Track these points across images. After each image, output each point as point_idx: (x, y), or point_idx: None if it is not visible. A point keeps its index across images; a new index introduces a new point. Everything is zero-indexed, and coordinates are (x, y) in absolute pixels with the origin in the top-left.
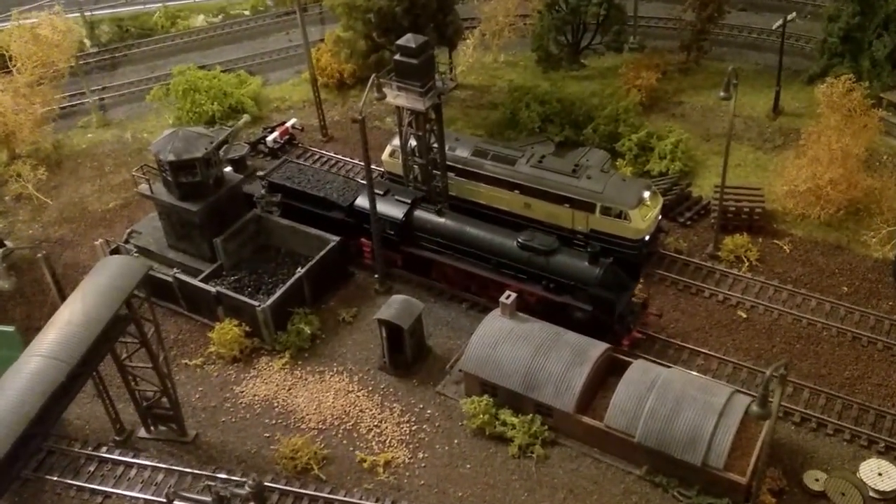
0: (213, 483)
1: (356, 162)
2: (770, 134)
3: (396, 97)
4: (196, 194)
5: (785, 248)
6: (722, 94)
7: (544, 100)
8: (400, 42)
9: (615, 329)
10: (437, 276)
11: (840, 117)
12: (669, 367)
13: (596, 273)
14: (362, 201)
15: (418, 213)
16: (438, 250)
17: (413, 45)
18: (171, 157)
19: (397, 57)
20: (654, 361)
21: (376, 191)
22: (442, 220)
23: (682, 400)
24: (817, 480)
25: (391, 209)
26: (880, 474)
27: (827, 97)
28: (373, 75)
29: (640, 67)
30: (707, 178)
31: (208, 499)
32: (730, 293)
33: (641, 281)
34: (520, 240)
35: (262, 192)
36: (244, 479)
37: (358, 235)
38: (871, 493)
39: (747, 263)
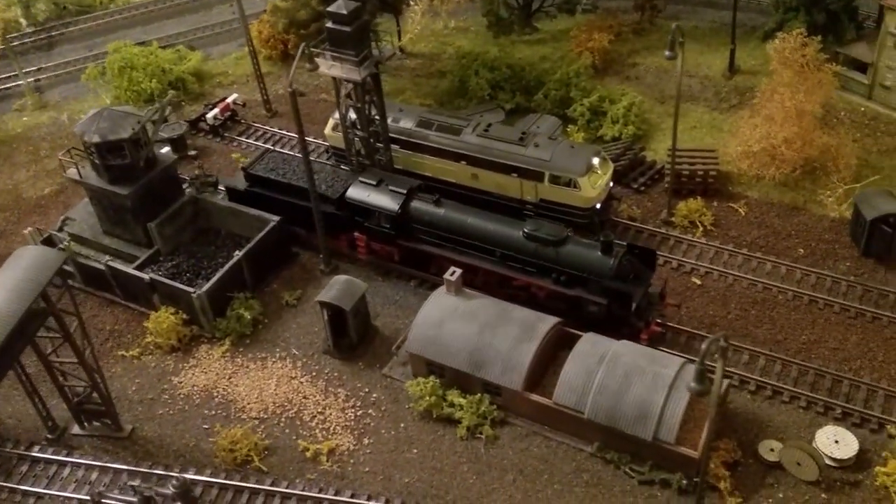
0: (136, 484)
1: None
2: (726, 94)
3: (331, 67)
4: (126, 177)
5: (740, 210)
6: (667, 53)
7: (494, 66)
8: (331, 8)
9: (632, 323)
10: (437, 270)
11: (793, 74)
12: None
13: (610, 264)
14: (354, 192)
15: (415, 203)
16: (438, 243)
17: (345, 12)
18: (97, 139)
19: (329, 25)
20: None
21: (368, 181)
22: (441, 210)
23: (631, 373)
24: (772, 450)
25: (385, 200)
26: (836, 441)
27: (779, 53)
28: (302, 45)
29: (593, 29)
30: (662, 141)
31: (134, 499)
32: (684, 260)
33: None
34: (526, 230)
35: (197, 171)
36: (173, 475)
37: (350, 229)
38: (828, 461)
39: (701, 228)
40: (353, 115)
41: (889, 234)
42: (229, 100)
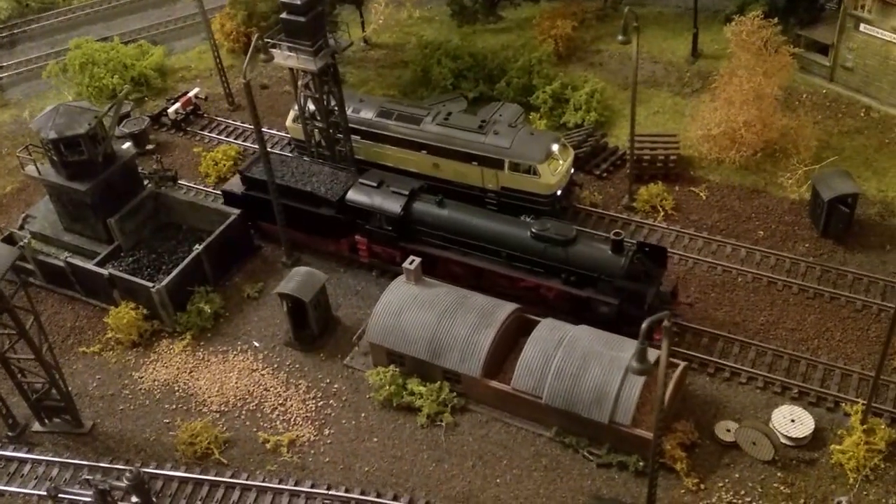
0: (91, 477)
1: (264, 130)
2: (689, 78)
3: (287, 58)
4: (85, 173)
5: (701, 194)
6: (620, 37)
7: (456, 55)
8: None
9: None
10: (441, 273)
11: (750, 56)
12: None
13: (622, 263)
14: (354, 195)
15: (417, 205)
16: (442, 245)
17: (299, 2)
18: (53, 135)
19: (284, 15)
20: (693, 357)
21: (368, 182)
22: (445, 211)
23: (588, 357)
24: (729, 431)
25: (387, 202)
26: (793, 421)
27: (736, 36)
28: (255, 36)
29: (556, 16)
30: (625, 127)
31: (90, 492)
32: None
33: None
34: (533, 230)
35: (155, 166)
36: (127, 468)
37: (351, 232)
38: (783, 440)
39: (662, 213)
40: (311, 106)
41: (846, 215)
42: (191, 94)
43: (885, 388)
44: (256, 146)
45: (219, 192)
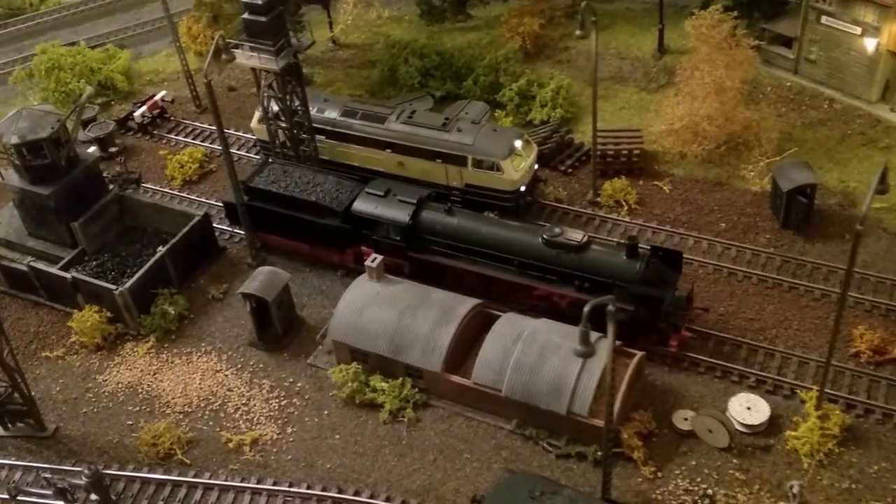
0: (50, 476)
1: (231, 132)
2: (655, 74)
3: (249, 58)
4: (48, 177)
5: (665, 188)
6: (577, 32)
7: (423, 54)
8: None
9: (661, 329)
10: (451, 282)
11: (710, 50)
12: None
13: (637, 268)
14: (360, 205)
15: (426, 213)
16: (451, 254)
17: (260, 2)
18: (16, 139)
19: (245, 15)
20: (707, 362)
21: (375, 192)
22: (454, 219)
23: (547, 349)
24: (686, 420)
25: (394, 212)
26: (749, 408)
27: (696, 30)
28: (217, 35)
29: (524, 14)
30: (591, 123)
31: (50, 492)
32: (608, 239)
33: None
34: (544, 236)
35: (118, 168)
36: (81, 469)
37: (357, 243)
38: (739, 428)
39: (626, 207)
40: (275, 106)
41: (805, 205)
42: (157, 97)
43: (842, 375)
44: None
45: (184, 195)
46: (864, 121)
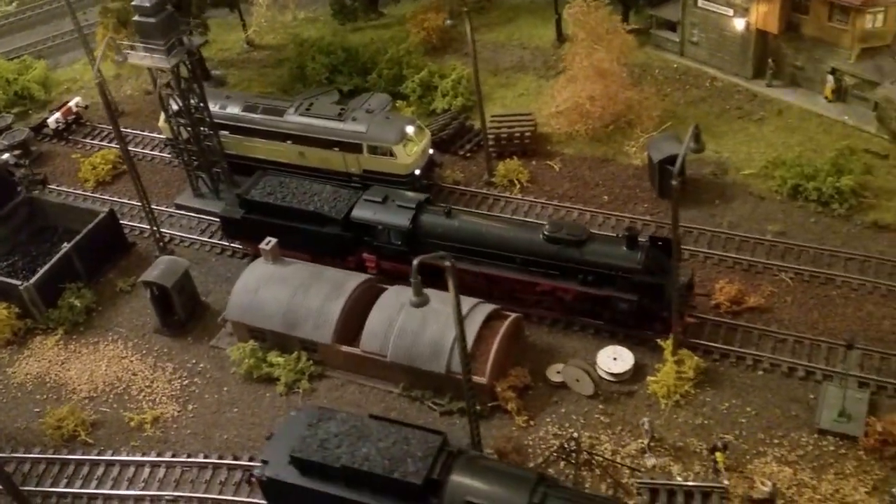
0: None
1: (145, 134)
2: (553, 62)
3: (142, 58)
4: None
5: (555, 167)
6: (448, 21)
7: (329, 51)
8: (135, 2)
9: (665, 317)
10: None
11: (586, 35)
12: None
13: (638, 258)
14: (360, 212)
15: (425, 217)
16: (454, 255)
17: (148, 4)
18: None
19: (136, 18)
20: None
21: (373, 198)
22: (454, 221)
23: (428, 315)
24: (558, 373)
25: (394, 217)
26: (615, 359)
27: (573, 17)
28: (108, 36)
29: (429, 10)
30: (492, 110)
31: None
32: (501, 215)
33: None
34: (545, 232)
35: (23, 170)
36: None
37: (357, 250)
38: (605, 376)
39: (518, 186)
40: (175, 104)
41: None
42: (71, 103)
43: (704, 325)
44: (138, 149)
45: (96, 195)
46: (742, 96)
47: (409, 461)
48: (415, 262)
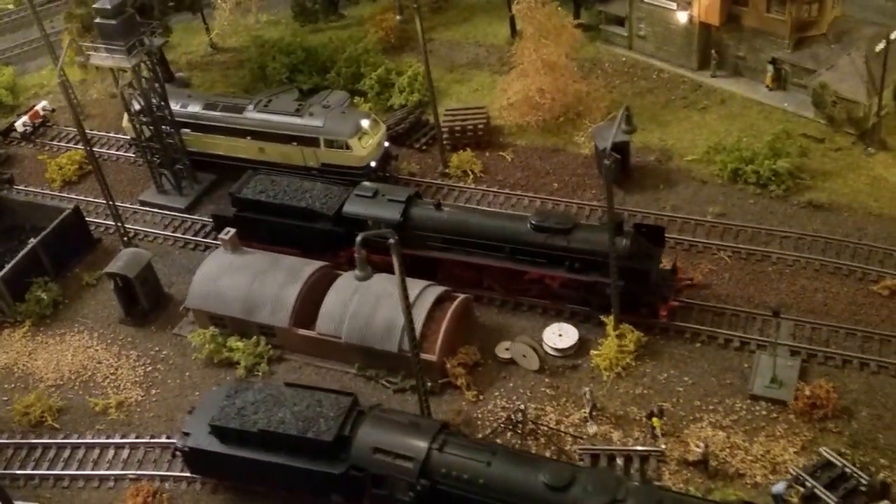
0: None
1: (111, 135)
2: (507, 58)
3: (104, 59)
4: None
5: (507, 157)
6: (398, 17)
7: (289, 51)
8: (96, 5)
9: (650, 301)
10: (444, 275)
11: (533, 30)
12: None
13: (623, 244)
14: (351, 207)
15: (416, 210)
16: (443, 247)
17: (108, 7)
18: None
19: (97, 20)
20: (699, 329)
21: (363, 194)
22: (443, 214)
23: (381, 297)
24: (506, 350)
25: (385, 211)
26: (560, 335)
27: (520, 13)
28: (69, 38)
29: (386, 10)
30: (448, 105)
31: None
32: (455, 205)
33: None
34: (533, 221)
35: None
36: None
37: (349, 245)
38: (551, 352)
39: (472, 176)
40: (136, 104)
41: (619, 161)
42: (38, 107)
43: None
44: (104, 149)
45: (63, 194)
46: (688, 87)
47: (321, 421)
48: (358, 237)
